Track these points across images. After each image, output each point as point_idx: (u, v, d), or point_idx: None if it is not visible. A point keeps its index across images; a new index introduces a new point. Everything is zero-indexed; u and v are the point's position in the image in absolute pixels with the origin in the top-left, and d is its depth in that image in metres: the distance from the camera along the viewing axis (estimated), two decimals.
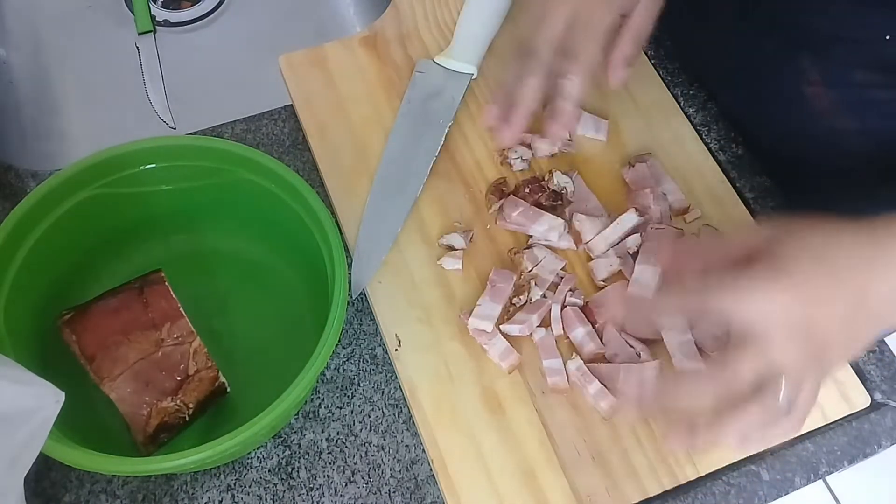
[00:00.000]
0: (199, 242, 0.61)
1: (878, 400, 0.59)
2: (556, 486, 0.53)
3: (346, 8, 0.93)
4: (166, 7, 0.89)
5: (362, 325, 0.60)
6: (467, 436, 0.55)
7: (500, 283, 0.59)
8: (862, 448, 0.57)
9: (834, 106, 0.62)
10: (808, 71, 0.62)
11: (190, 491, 0.54)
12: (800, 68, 0.62)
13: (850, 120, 0.63)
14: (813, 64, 0.62)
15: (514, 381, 0.57)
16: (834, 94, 0.62)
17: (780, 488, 0.56)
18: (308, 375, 0.47)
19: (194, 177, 0.56)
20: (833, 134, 0.64)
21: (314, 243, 0.53)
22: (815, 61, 0.62)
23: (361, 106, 0.67)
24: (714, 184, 0.65)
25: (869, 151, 0.63)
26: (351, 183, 0.63)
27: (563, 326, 0.58)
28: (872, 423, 0.58)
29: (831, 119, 0.63)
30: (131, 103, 0.84)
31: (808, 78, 0.62)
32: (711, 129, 0.69)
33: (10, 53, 0.85)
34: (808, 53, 0.62)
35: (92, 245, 0.57)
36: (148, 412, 0.50)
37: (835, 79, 0.61)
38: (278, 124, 0.68)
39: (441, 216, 0.63)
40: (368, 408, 0.57)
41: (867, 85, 0.60)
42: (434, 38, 0.71)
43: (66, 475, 0.53)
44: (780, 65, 0.64)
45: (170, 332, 0.52)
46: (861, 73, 0.60)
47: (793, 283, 0.46)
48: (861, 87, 0.61)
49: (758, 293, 0.46)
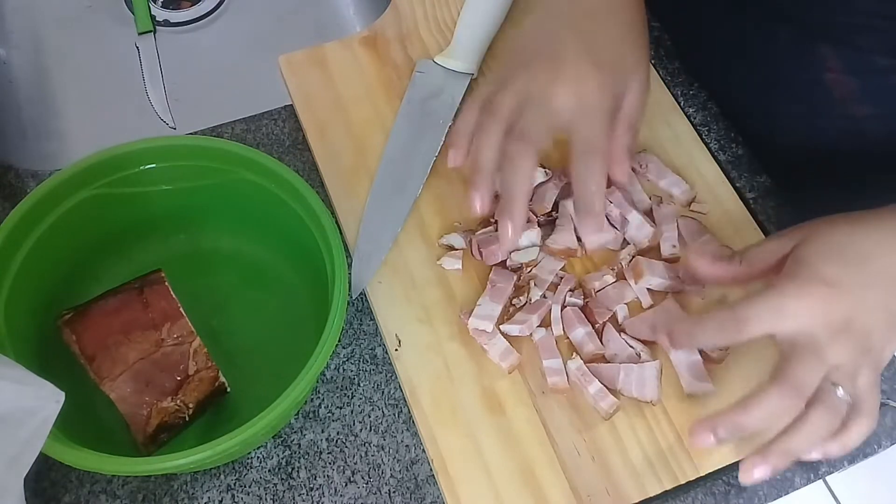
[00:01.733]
0: (199, 242, 0.61)
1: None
2: (555, 485, 0.53)
3: (346, 8, 0.93)
4: (166, 7, 0.89)
5: (362, 325, 0.60)
6: (467, 436, 0.55)
7: (500, 283, 0.59)
8: (862, 448, 0.57)
9: (854, 93, 0.63)
10: (827, 59, 0.62)
11: (190, 491, 0.54)
12: (819, 56, 0.63)
13: (869, 106, 0.63)
14: (833, 51, 0.62)
15: (514, 381, 0.57)
16: (855, 80, 0.62)
17: (780, 488, 0.56)
18: (308, 375, 0.47)
19: (194, 177, 0.56)
20: (850, 121, 0.64)
21: (314, 243, 0.53)
22: (836, 49, 0.62)
23: (361, 106, 0.67)
24: (714, 184, 0.65)
25: (886, 137, 0.64)
26: (351, 183, 0.63)
27: (563, 327, 0.58)
28: None
29: (849, 106, 0.64)
30: (131, 103, 0.84)
31: (828, 65, 0.62)
32: (711, 129, 0.69)
33: (10, 53, 0.85)
34: (827, 42, 0.62)
35: (92, 245, 0.57)
36: (148, 412, 0.50)
37: (857, 65, 0.62)
38: (278, 124, 0.68)
39: (441, 216, 0.63)
40: (368, 408, 0.57)
41: (889, 70, 0.61)
42: (434, 38, 0.71)
43: (66, 475, 0.53)
44: (796, 54, 0.65)
45: (170, 332, 0.52)
46: (883, 59, 0.60)
47: (825, 285, 0.48)
48: (883, 73, 0.61)
49: (793, 306, 0.48)
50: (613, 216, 0.61)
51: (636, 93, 0.56)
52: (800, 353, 0.48)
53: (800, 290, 0.48)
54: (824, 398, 0.48)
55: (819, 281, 0.48)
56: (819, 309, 0.47)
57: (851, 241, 0.49)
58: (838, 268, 0.48)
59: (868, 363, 0.49)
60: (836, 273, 0.48)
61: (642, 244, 0.61)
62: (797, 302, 0.48)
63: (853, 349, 0.48)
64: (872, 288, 0.48)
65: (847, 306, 0.48)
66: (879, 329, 0.48)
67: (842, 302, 0.48)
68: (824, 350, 0.47)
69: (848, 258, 0.49)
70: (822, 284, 0.48)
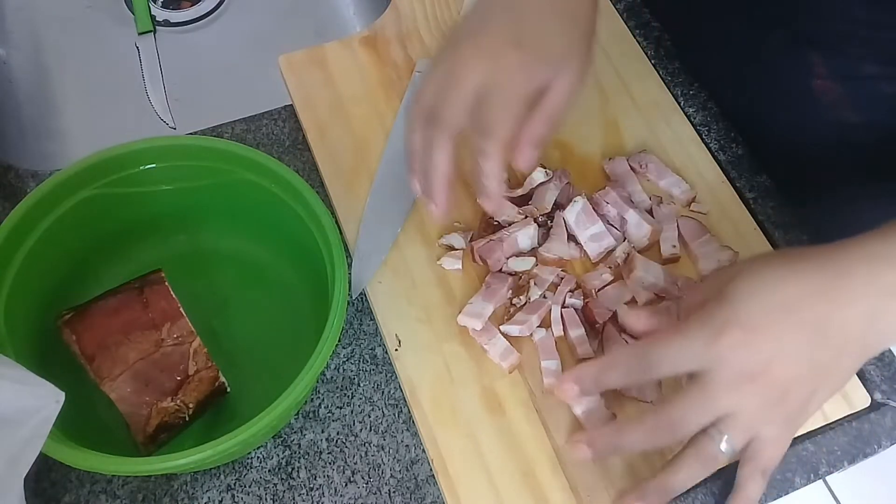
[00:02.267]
0: (199, 242, 0.61)
1: (878, 400, 0.59)
2: (555, 485, 0.53)
3: (346, 8, 0.93)
4: (166, 7, 0.89)
5: (362, 325, 0.60)
6: (467, 436, 0.55)
7: (495, 284, 0.59)
8: (862, 448, 0.57)
9: (842, 99, 0.62)
10: (816, 65, 0.62)
11: (190, 491, 0.54)
12: (808, 62, 0.62)
13: (857, 113, 0.63)
14: (822, 58, 0.61)
15: (514, 381, 0.57)
16: (842, 87, 0.62)
17: (780, 488, 0.56)
18: (308, 375, 0.47)
19: (194, 177, 0.56)
20: (838, 128, 0.64)
21: (314, 243, 0.53)
22: (824, 56, 0.61)
23: (361, 106, 0.67)
24: (714, 184, 0.65)
25: (875, 145, 0.63)
26: (351, 183, 0.63)
27: (563, 327, 0.58)
28: (872, 423, 0.58)
29: (838, 112, 0.63)
30: (131, 103, 0.84)
31: (816, 72, 0.62)
32: (711, 129, 0.69)
33: (9, 53, 0.85)
34: (817, 48, 0.62)
35: (92, 245, 0.57)
36: (148, 412, 0.50)
37: (844, 72, 0.61)
38: (278, 124, 0.68)
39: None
40: (368, 408, 0.57)
41: (878, 78, 0.60)
42: (434, 38, 0.71)
43: (66, 475, 0.53)
44: (786, 59, 0.64)
45: (170, 332, 0.52)
46: (871, 67, 0.60)
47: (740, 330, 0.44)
48: (871, 81, 0.60)
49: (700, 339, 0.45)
50: (611, 216, 0.61)
51: (564, 83, 0.51)
52: (692, 391, 0.45)
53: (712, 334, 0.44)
54: (700, 445, 0.46)
55: (735, 324, 0.44)
56: (728, 354, 0.44)
57: (782, 287, 0.45)
58: (760, 312, 0.45)
59: (781, 415, 0.46)
60: (757, 318, 0.45)
61: (642, 243, 0.61)
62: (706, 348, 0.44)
63: (761, 400, 0.45)
64: (795, 336, 0.45)
65: (764, 355, 0.44)
66: (800, 381, 0.45)
67: (758, 349, 0.44)
68: (719, 395, 0.44)
69: (773, 303, 0.45)
70: (738, 328, 0.44)
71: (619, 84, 0.70)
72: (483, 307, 0.57)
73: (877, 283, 0.45)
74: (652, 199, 0.63)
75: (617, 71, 0.70)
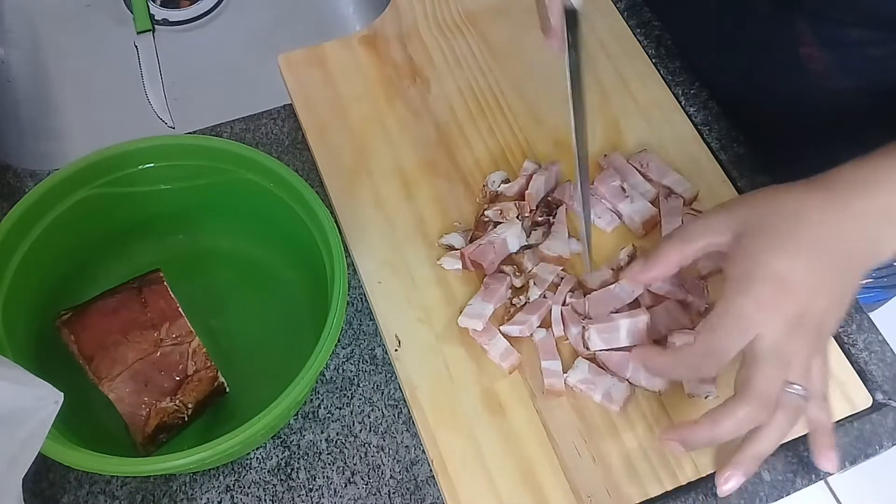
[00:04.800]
0: (198, 242, 0.61)
1: (879, 400, 0.59)
2: (556, 486, 0.53)
3: (346, 7, 0.92)
4: (165, 6, 0.89)
5: (362, 325, 0.60)
6: (467, 436, 0.54)
7: (493, 284, 0.59)
8: (863, 448, 0.57)
9: (829, 67, 0.63)
10: (803, 33, 0.62)
11: (189, 492, 0.53)
12: (794, 31, 0.63)
13: (845, 79, 0.63)
14: (807, 25, 0.62)
15: (514, 381, 0.56)
16: (829, 54, 0.62)
17: (781, 489, 0.55)
18: (308, 375, 0.47)
19: (193, 176, 0.56)
20: (829, 95, 0.64)
21: (314, 243, 0.53)
22: (809, 22, 0.62)
23: (361, 105, 0.67)
24: (715, 183, 0.65)
25: (867, 109, 0.64)
26: (351, 183, 0.63)
27: (563, 327, 0.58)
28: (874, 424, 0.58)
29: (827, 80, 0.63)
30: (130, 102, 0.84)
31: (803, 39, 0.62)
32: (712, 129, 0.69)
33: (8, 52, 0.85)
34: (802, 15, 0.62)
35: (90, 245, 0.57)
36: (147, 412, 0.50)
37: (830, 39, 0.62)
38: (277, 124, 0.68)
39: (441, 216, 0.62)
40: (368, 408, 0.57)
41: (864, 43, 0.60)
42: (434, 37, 0.71)
43: (65, 476, 0.53)
44: (774, 28, 0.65)
45: (168, 332, 0.52)
46: (856, 31, 0.60)
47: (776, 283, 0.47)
48: (857, 46, 0.61)
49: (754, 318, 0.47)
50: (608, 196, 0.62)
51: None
52: (761, 362, 0.47)
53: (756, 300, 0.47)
54: (785, 401, 0.48)
55: (770, 280, 0.47)
56: (774, 310, 0.47)
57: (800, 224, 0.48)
58: (788, 259, 0.47)
59: (820, 348, 0.50)
60: (787, 266, 0.47)
61: (639, 231, 0.61)
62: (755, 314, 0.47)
63: (808, 341, 0.48)
64: (822, 274, 0.48)
65: (800, 299, 0.47)
66: (831, 313, 0.49)
67: (796, 296, 0.47)
68: (784, 354, 0.47)
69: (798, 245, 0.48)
70: (773, 282, 0.47)
71: (619, 83, 0.70)
72: (483, 307, 0.57)
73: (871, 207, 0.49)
74: (661, 190, 0.63)
75: (617, 70, 0.70)
